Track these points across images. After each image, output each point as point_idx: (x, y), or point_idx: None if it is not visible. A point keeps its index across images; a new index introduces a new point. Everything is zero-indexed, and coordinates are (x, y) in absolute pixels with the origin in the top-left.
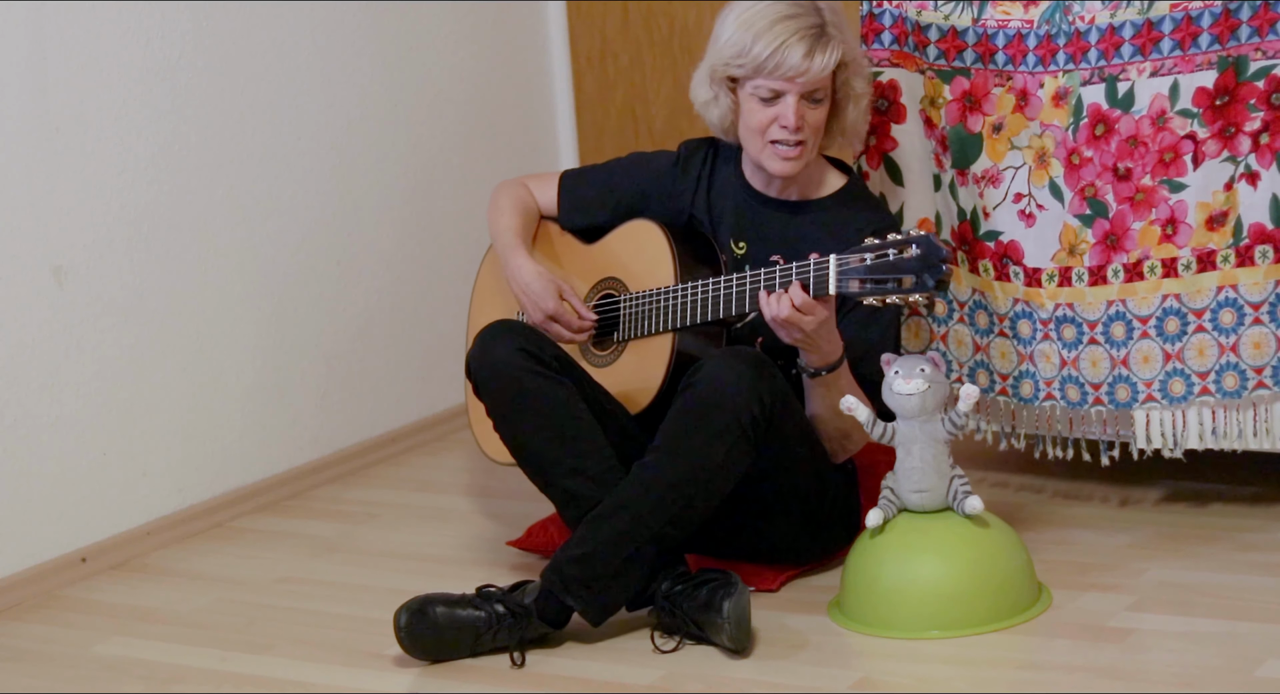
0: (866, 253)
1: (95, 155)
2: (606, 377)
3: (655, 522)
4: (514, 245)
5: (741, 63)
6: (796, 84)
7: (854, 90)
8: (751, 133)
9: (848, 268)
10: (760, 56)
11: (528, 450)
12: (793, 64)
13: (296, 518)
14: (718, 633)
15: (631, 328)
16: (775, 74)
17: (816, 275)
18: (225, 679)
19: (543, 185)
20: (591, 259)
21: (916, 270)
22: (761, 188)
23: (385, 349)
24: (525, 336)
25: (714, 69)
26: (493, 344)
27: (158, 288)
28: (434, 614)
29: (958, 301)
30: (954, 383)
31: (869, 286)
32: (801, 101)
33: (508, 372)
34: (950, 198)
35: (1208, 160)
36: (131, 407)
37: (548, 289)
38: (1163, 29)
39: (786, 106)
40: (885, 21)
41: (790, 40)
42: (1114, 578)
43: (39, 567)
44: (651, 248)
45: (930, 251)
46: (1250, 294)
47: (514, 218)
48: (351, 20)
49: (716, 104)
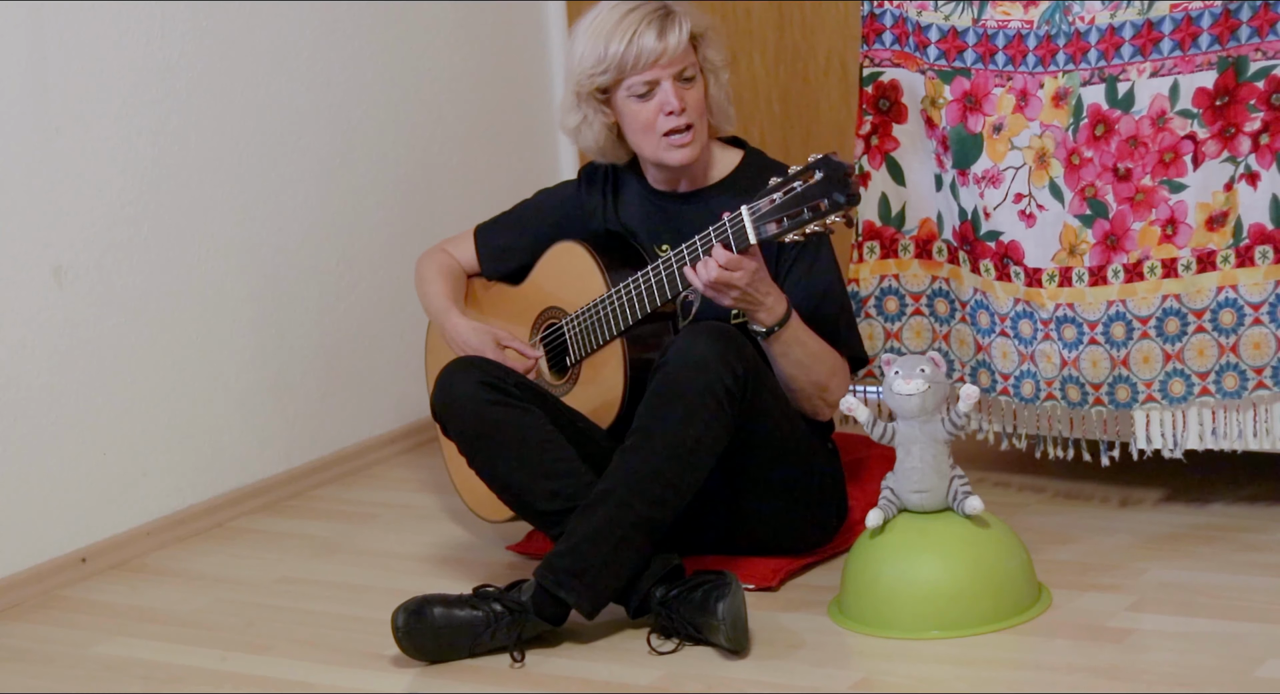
0: (774, 192)
1: (95, 155)
2: (572, 401)
3: (640, 504)
4: (445, 308)
5: (604, 68)
6: (662, 67)
7: (712, 63)
8: (641, 134)
9: (760, 213)
10: (618, 54)
11: (503, 481)
12: (650, 48)
13: (296, 518)
14: (714, 634)
15: (581, 347)
16: (639, 65)
17: (734, 230)
18: (225, 679)
19: (460, 245)
20: (524, 297)
21: (826, 192)
22: (664, 187)
23: (385, 349)
24: (484, 370)
25: (579, 87)
26: (452, 382)
27: (158, 288)
28: (432, 615)
29: (960, 301)
30: (955, 382)
31: (786, 223)
32: (676, 84)
33: (471, 407)
34: (951, 198)
35: (1208, 161)
36: (131, 407)
37: (485, 341)
38: (1163, 29)
39: (665, 92)
40: (886, 22)
41: (640, 29)
42: (1114, 578)
43: (39, 567)
44: (577, 264)
45: (833, 170)
46: (1250, 294)
47: (440, 284)
48: (351, 20)
49: (589, 125)
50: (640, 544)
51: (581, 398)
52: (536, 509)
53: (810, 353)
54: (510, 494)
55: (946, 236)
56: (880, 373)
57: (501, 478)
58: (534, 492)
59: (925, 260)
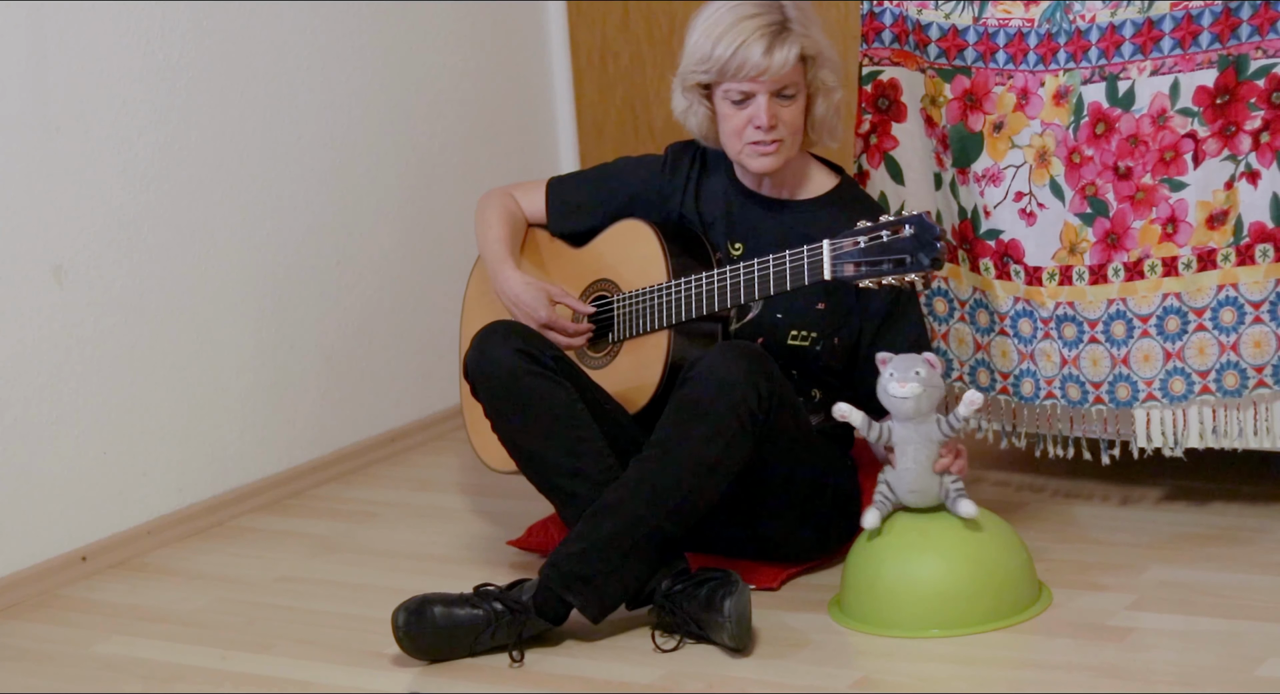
0: (860, 235)
1: (95, 155)
2: (604, 377)
3: (654, 517)
4: (502, 257)
5: (706, 68)
6: (762, 82)
7: (823, 84)
8: (729, 136)
9: (841, 252)
10: (722, 58)
11: (526, 451)
12: (754, 62)
13: (296, 517)
14: (718, 632)
15: (626, 327)
16: (740, 75)
17: (811, 261)
18: (225, 679)
19: (529, 193)
20: (582, 263)
21: (911, 250)
22: (753, 186)
23: (385, 349)
24: (523, 337)
25: (684, 78)
26: (490, 345)
27: (158, 288)
28: (432, 614)
29: (959, 300)
30: (954, 382)
31: (864, 269)
32: (773, 100)
33: (505, 372)
34: (951, 196)
35: (1208, 159)
36: (131, 407)
37: (538, 298)
38: (1163, 28)
39: (758, 107)
40: (886, 20)
41: (750, 39)
42: (1114, 577)
43: (39, 566)
44: (642, 247)
45: (924, 231)
46: (1251, 293)
47: (501, 228)
48: (351, 20)
49: (693, 112)
50: (650, 555)
51: (614, 377)
52: (552, 482)
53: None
54: (531, 465)
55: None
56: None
57: (524, 448)
58: (557, 467)
59: None
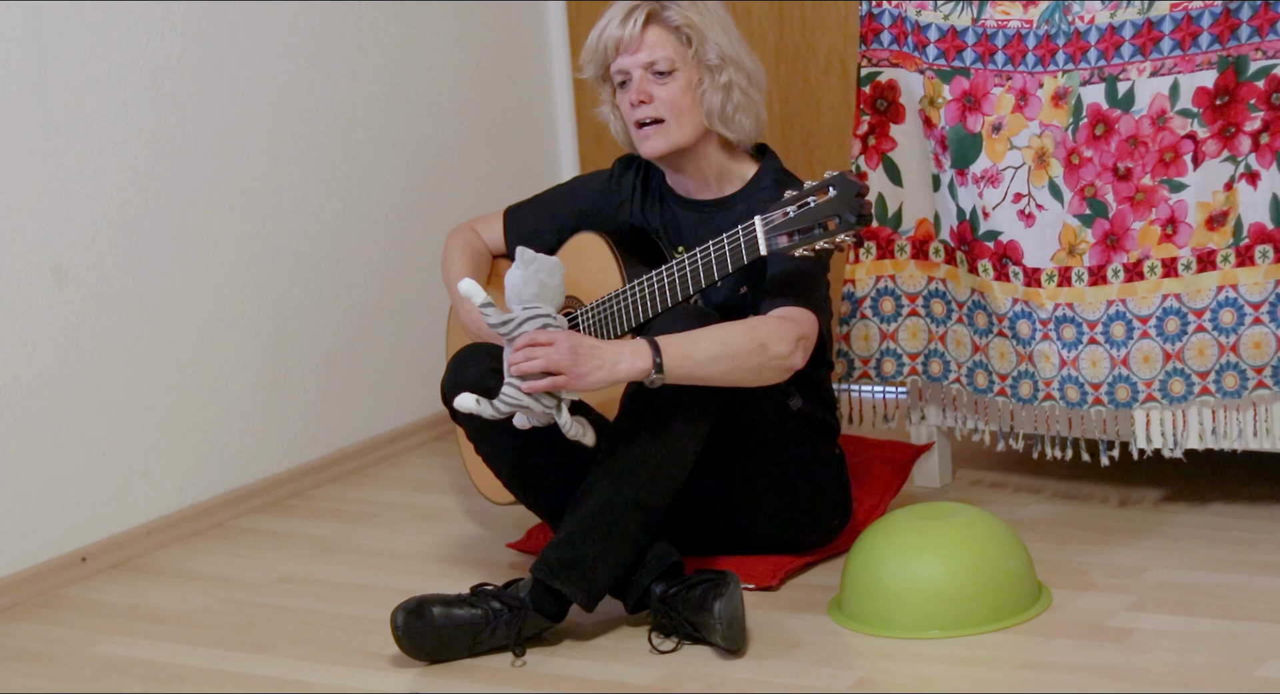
0: (788, 206)
1: (95, 155)
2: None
3: (629, 490)
4: None
5: (590, 57)
6: (628, 57)
7: (707, 60)
8: (627, 129)
9: (773, 225)
10: (593, 42)
11: (510, 469)
12: (612, 34)
13: (296, 518)
14: (711, 633)
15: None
16: (610, 53)
17: (746, 240)
18: (225, 679)
19: (489, 225)
20: None
21: (838, 211)
22: (682, 192)
23: (385, 349)
24: (496, 357)
25: (588, 78)
26: (464, 368)
27: (158, 288)
28: (431, 614)
29: (957, 302)
30: (952, 384)
31: (797, 238)
32: (645, 75)
33: (480, 393)
34: (949, 198)
35: (1208, 160)
36: (131, 407)
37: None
38: (1163, 29)
39: (634, 82)
40: (884, 21)
41: (613, 17)
42: (1114, 578)
43: (39, 567)
44: (595, 257)
45: (846, 188)
46: (1250, 294)
47: (464, 264)
48: (351, 20)
49: (614, 116)
50: (633, 532)
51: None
52: (540, 500)
53: (716, 356)
54: (515, 482)
55: (944, 237)
56: (875, 374)
57: (508, 465)
58: (540, 482)
59: (922, 261)
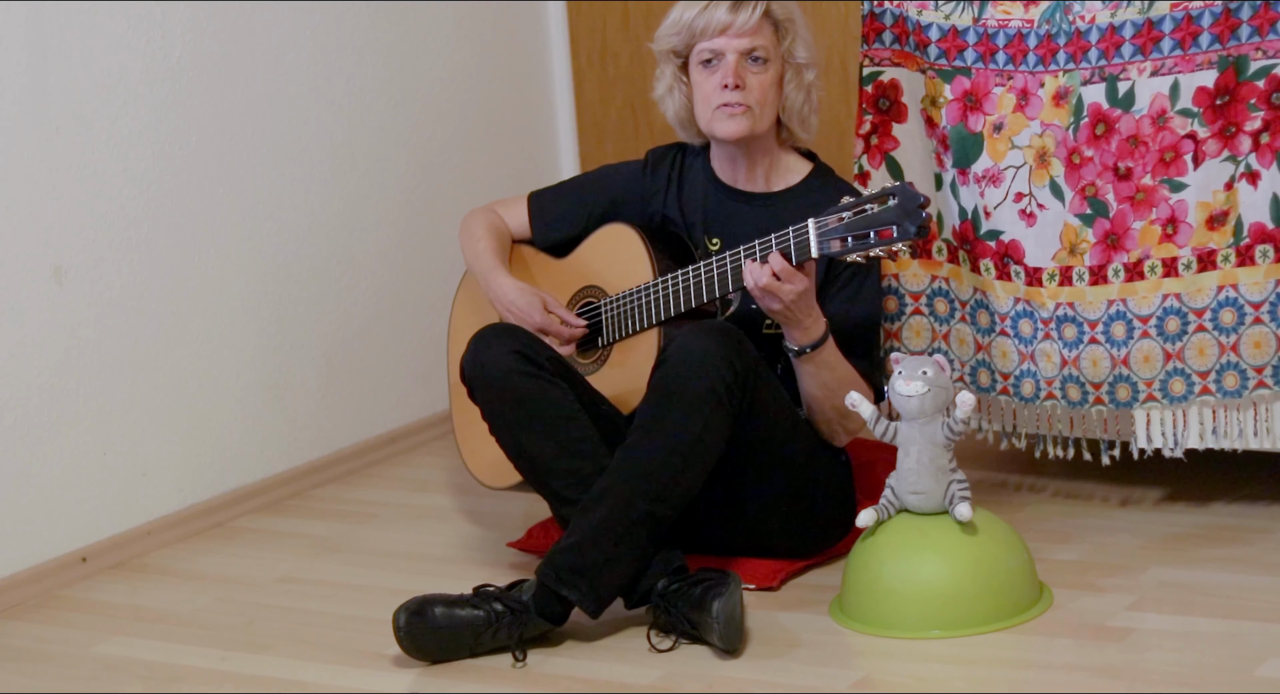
0: (844, 211)
1: (95, 155)
2: (597, 382)
3: (642, 501)
4: (493, 266)
5: (677, 31)
6: (729, 39)
7: (796, 59)
8: (701, 105)
9: (827, 229)
10: (690, 18)
11: (523, 453)
12: (720, 18)
13: (296, 518)
14: (708, 632)
15: (616, 330)
16: (707, 32)
17: (797, 241)
18: (225, 679)
19: (511, 208)
20: (567, 271)
21: (897, 220)
22: (729, 181)
23: (385, 349)
24: (519, 339)
25: (658, 45)
26: (486, 347)
27: (158, 288)
28: (433, 615)
29: (959, 301)
30: (955, 382)
31: (851, 243)
32: (741, 60)
33: (501, 373)
34: (951, 197)
35: (1208, 160)
36: (131, 407)
37: (533, 303)
38: (1163, 28)
39: (727, 65)
40: (886, 21)
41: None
42: (1114, 578)
43: (39, 567)
44: (626, 249)
45: (908, 199)
46: (1251, 294)
47: (488, 241)
48: (351, 20)
49: (672, 95)
50: (643, 541)
51: (608, 381)
52: (551, 486)
53: (838, 378)
54: (527, 467)
55: (946, 236)
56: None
57: (521, 449)
58: (553, 469)
59: (925, 260)
